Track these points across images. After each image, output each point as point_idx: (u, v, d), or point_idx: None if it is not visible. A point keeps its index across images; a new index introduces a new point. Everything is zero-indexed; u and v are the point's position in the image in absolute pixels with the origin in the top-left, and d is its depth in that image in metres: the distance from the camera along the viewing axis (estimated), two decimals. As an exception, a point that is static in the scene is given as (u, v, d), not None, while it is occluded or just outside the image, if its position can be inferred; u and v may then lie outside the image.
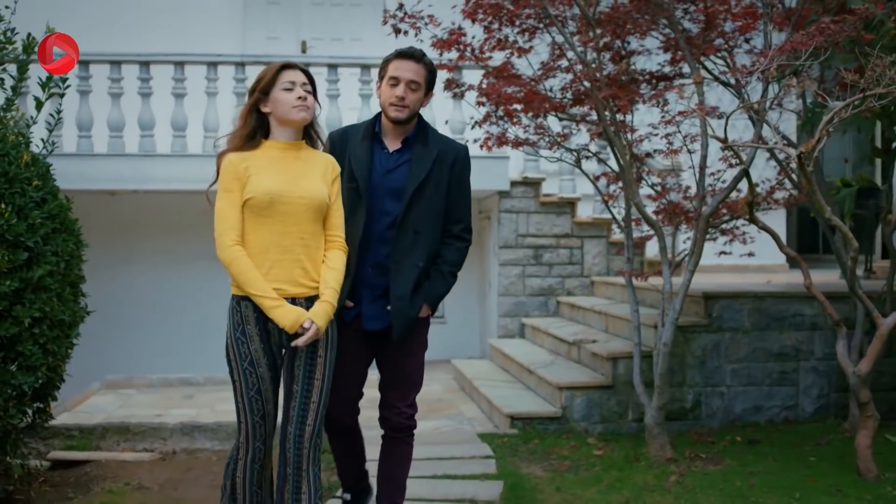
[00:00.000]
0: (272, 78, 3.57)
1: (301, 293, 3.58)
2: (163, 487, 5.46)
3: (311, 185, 3.58)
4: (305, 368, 3.60)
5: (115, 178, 8.53)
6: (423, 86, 3.91)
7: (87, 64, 8.43)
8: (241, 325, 3.54)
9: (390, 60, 3.91)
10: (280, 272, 3.53)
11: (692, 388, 6.58)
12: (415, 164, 3.90)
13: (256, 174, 3.50)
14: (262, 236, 3.50)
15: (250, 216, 3.49)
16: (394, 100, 3.86)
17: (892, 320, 5.15)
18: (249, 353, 3.54)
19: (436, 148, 3.95)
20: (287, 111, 3.56)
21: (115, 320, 9.44)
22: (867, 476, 5.16)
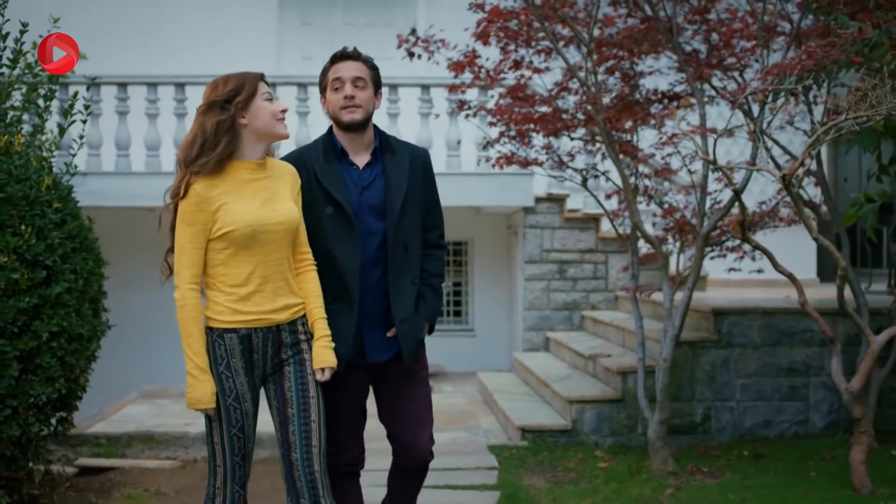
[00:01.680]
0: (252, 91, 3.31)
1: (284, 319, 3.38)
2: (179, 494, 5.73)
3: (284, 207, 3.37)
4: (297, 389, 3.37)
5: (153, 196, 8.74)
6: (369, 83, 3.65)
7: (125, 86, 8.79)
8: (226, 359, 3.28)
9: (328, 68, 3.69)
10: (265, 301, 3.33)
11: (701, 403, 6.68)
12: (392, 175, 3.65)
13: (230, 203, 3.25)
14: (241, 268, 3.29)
15: (229, 249, 3.26)
16: (342, 102, 3.58)
17: (884, 338, 5.22)
18: (235, 388, 3.29)
19: (405, 154, 3.72)
20: (271, 124, 3.32)
21: (156, 332, 9.78)
22: (861, 491, 5.23)
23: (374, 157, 3.68)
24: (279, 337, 3.37)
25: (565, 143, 7.12)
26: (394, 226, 3.61)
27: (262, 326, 3.33)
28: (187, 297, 3.25)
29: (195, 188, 3.24)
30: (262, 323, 3.33)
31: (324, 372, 3.40)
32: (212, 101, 3.30)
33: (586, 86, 5.95)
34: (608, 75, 6.57)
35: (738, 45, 6.23)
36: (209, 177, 3.25)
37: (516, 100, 6.68)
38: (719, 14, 6.36)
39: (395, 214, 3.61)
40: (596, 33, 6.64)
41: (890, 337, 5.26)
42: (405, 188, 3.65)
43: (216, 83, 3.34)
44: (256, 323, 3.32)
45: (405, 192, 3.64)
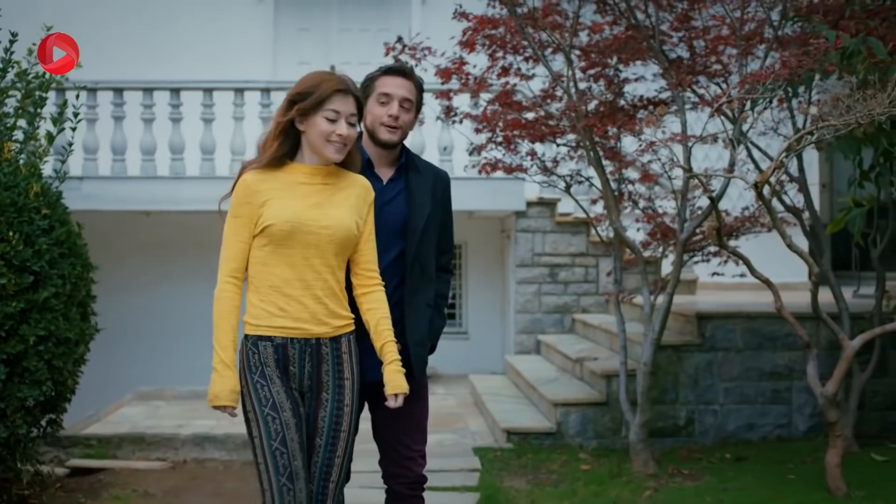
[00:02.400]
0: (318, 101, 3.09)
1: (325, 333, 3.17)
2: (167, 494, 5.82)
3: (338, 213, 3.16)
4: (331, 419, 3.18)
5: (149, 200, 8.98)
6: (414, 105, 3.53)
7: (121, 91, 8.90)
8: (260, 368, 3.10)
9: (376, 77, 3.50)
10: (300, 309, 3.13)
11: (685, 406, 6.75)
12: (415, 194, 3.53)
13: (276, 198, 3.11)
14: (281, 269, 3.12)
15: (268, 246, 3.10)
16: (387, 119, 3.44)
17: (858, 343, 5.29)
18: (271, 396, 3.09)
19: (429, 175, 3.62)
20: (321, 144, 3.14)
21: (153, 334, 9.92)
22: (836, 494, 5.30)
23: (398, 174, 3.56)
24: (319, 352, 3.17)
25: (552, 150, 7.20)
26: (414, 245, 3.49)
27: (299, 337, 3.13)
28: (224, 290, 3.11)
29: (245, 179, 3.13)
30: (299, 333, 3.13)
31: (396, 398, 3.21)
32: (288, 98, 3.15)
33: (568, 94, 6.03)
34: (594, 82, 6.65)
35: (724, 52, 6.31)
36: (262, 171, 3.14)
37: (504, 106, 6.76)
38: (705, 22, 6.44)
39: (416, 234, 3.50)
40: (585, 39, 6.74)
41: (864, 342, 5.34)
42: (428, 209, 3.54)
43: (303, 78, 3.19)
44: (293, 332, 3.12)
45: (428, 213, 3.54)
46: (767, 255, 7.09)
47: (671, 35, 6.58)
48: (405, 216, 3.50)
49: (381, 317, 3.26)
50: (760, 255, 6.56)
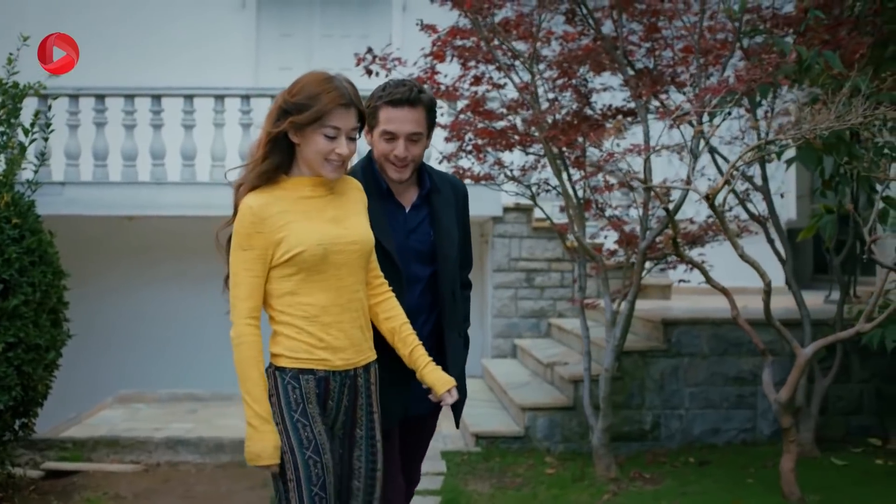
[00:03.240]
0: (316, 117, 2.77)
1: (364, 360, 2.95)
2: (137, 497, 5.94)
3: (357, 225, 2.93)
4: (368, 460, 2.96)
5: (130, 205, 9.08)
6: (425, 132, 3.22)
7: (103, 97, 9.00)
8: (301, 405, 2.81)
9: (379, 108, 3.17)
10: (341, 337, 2.87)
11: (651, 411, 6.86)
12: (442, 218, 3.29)
13: (293, 221, 2.80)
14: (316, 298, 2.83)
15: (298, 275, 2.80)
16: (392, 158, 3.19)
17: (810, 350, 5.41)
18: (314, 438, 2.80)
19: (448, 191, 3.36)
20: (318, 163, 2.83)
21: (137, 337, 10.02)
22: (790, 498, 5.41)
23: (421, 200, 3.31)
24: (355, 384, 2.93)
25: (522, 158, 7.31)
26: (449, 273, 3.28)
27: (341, 369, 2.87)
28: (244, 335, 2.77)
29: (250, 206, 2.77)
30: (341, 365, 2.87)
31: (451, 392, 3.05)
32: (279, 106, 2.82)
33: (531, 105, 6.15)
34: (563, 91, 6.76)
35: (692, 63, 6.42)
36: (263, 192, 2.80)
37: (476, 114, 6.87)
38: (676, 32, 6.53)
39: (448, 261, 3.28)
40: (558, 49, 6.85)
41: (817, 349, 5.45)
42: (457, 233, 3.33)
43: (295, 82, 2.85)
44: (336, 365, 2.86)
45: (458, 238, 3.34)
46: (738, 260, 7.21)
47: (640, 45, 6.70)
48: (432, 243, 3.27)
49: (403, 322, 3.06)
50: (731, 261, 6.67)
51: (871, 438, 6.87)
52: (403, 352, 3.05)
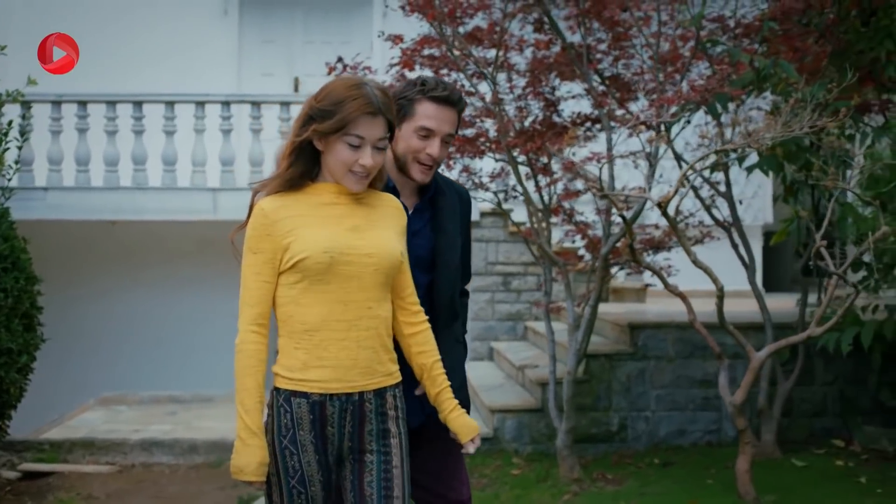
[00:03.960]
0: (340, 125, 2.62)
1: (374, 385, 2.71)
2: (109, 497, 6.06)
3: (380, 237, 2.73)
4: (380, 486, 2.73)
5: (112, 210, 9.21)
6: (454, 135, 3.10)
7: (85, 104, 9.12)
8: (291, 431, 2.64)
9: (416, 101, 3.00)
10: (343, 357, 2.66)
11: (618, 413, 6.99)
12: (446, 223, 3.13)
13: (305, 226, 2.64)
14: (316, 309, 2.64)
15: (301, 282, 2.64)
16: (424, 157, 2.99)
17: (764, 354, 5.53)
18: (300, 468, 2.65)
19: (453, 195, 3.20)
20: (340, 173, 2.69)
21: (122, 339, 10.14)
22: (745, 498, 5.54)
23: (425, 204, 3.13)
24: (362, 409, 2.70)
25: (491, 165, 7.43)
26: (447, 281, 3.12)
27: (340, 392, 2.66)
28: (246, 342, 2.63)
29: (262, 208, 2.65)
30: (340, 388, 2.65)
31: (474, 441, 2.89)
32: (306, 111, 2.69)
33: (496, 114, 6.27)
34: (532, 99, 6.88)
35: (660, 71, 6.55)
36: (280, 196, 2.67)
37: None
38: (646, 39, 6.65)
39: (448, 269, 3.12)
40: (530, 56, 6.99)
41: (770, 353, 5.57)
42: (460, 239, 3.19)
43: (323, 87, 2.70)
44: (334, 387, 2.65)
45: (461, 245, 3.20)
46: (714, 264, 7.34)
47: (608, 53, 6.83)
48: (432, 249, 3.10)
49: (435, 360, 2.86)
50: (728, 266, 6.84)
51: (835, 440, 6.99)
52: (431, 391, 2.86)
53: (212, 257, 9.73)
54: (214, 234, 9.60)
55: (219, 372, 9.68)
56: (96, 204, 9.16)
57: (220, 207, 9.15)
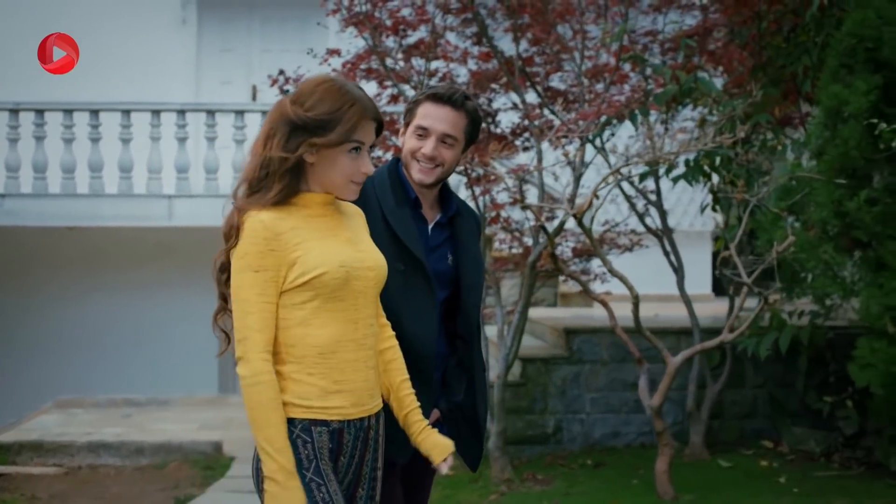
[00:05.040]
0: (345, 135, 2.40)
1: (377, 408, 2.56)
2: (52, 498, 6.23)
3: (371, 248, 2.57)
4: None
5: (69, 216, 9.37)
6: (461, 140, 2.96)
7: (42, 112, 9.29)
8: (314, 461, 2.41)
9: (420, 102, 2.94)
10: (357, 379, 2.47)
11: (554, 415, 7.20)
12: (468, 243, 3.03)
13: (309, 240, 2.42)
14: (332, 330, 2.43)
15: (313, 301, 2.41)
16: (420, 156, 2.90)
17: (679, 359, 5.75)
18: (330, 499, 2.40)
19: (471, 220, 3.13)
20: (340, 185, 2.48)
21: (81, 344, 10.29)
22: (664, 497, 5.75)
23: (445, 218, 3.03)
24: (367, 435, 2.53)
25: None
26: (475, 303, 3.02)
27: (356, 418, 2.48)
28: (262, 373, 2.36)
29: (263, 220, 2.37)
30: (356, 412, 2.47)
31: (447, 461, 2.67)
32: (289, 120, 2.40)
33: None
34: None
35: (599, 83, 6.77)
36: (275, 209, 2.42)
37: (393, 133, 7.20)
38: (576, 53, 6.86)
39: (478, 289, 3.05)
40: (474, 68, 7.19)
41: (685, 358, 5.80)
42: (482, 260, 3.11)
43: (302, 90, 2.44)
44: (352, 412, 2.46)
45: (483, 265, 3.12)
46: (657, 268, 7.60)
47: (544, 65, 7.06)
48: (453, 267, 2.99)
49: (403, 379, 2.67)
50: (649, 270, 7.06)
51: (764, 441, 7.21)
52: (398, 412, 2.66)
53: (168, 263, 9.92)
54: (170, 240, 9.80)
55: (175, 375, 9.91)
56: (53, 210, 9.32)
57: (176, 214, 9.32)
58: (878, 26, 5.52)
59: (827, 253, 5.35)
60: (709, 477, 6.32)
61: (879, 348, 5.41)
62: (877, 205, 5.35)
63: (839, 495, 5.85)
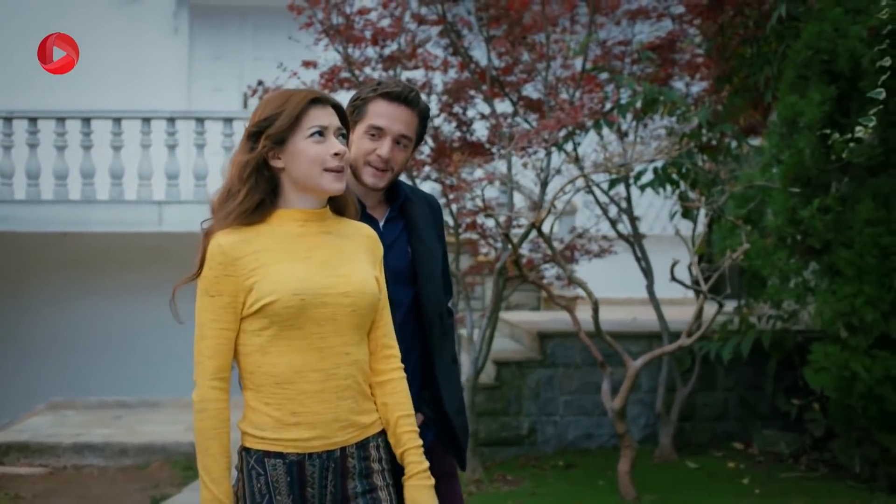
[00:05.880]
0: (293, 118, 2.33)
1: (351, 439, 2.40)
2: (35, 497, 6.42)
3: (356, 274, 2.40)
4: None
5: (61, 222, 9.58)
6: (413, 141, 2.86)
7: (35, 120, 9.50)
8: (267, 496, 2.31)
9: (370, 100, 2.80)
10: (320, 410, 2.33)
11: (528, 418, 7.35)
12: (421, 233, 2.90)
13: (270, 263, 2.32)
14: (289, 359, 2.32)
15: (268, 329, 2.31)
16: (374, 159, 2.76)
17: (640, 363, 5.91)
18: None
19: (423, 204, 2.98)
20: (315, 175, 2.35)
21: (77, 347, 10.49)
22: (626, 498, 5.90)
23: (395, 211, 2.90)
24: (344, 465, 2.39)
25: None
26: (433, 294, 2.88)
27: (320, 451, 2.35)
28: (207, 400, 2.31)
29: (220, 243, 2.30)
30: (320, 445, 2.34)
31: None
32: (246, 132, 2.38)
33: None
34: (445, 120, 7.25)
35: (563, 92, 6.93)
36: (239, 230, 2.34)
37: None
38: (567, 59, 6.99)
39: (433, 280, 2.88)
40: (455, 76, 7.36)
41: (645, 362, 5.95)
42: (439, 248, 2.96)
43: (260, 104, 2.41)
44: (313, 444, 2.34)
45: (441, 253, 2.97)
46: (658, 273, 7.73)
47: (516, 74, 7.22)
48: (410, 260, 2.87)
49: (402, 415, 2.47)
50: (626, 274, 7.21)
51: (735, 443, 7.35)
52: (395, 449, 2.47)
53: (159, 267, 10.09)
54: (161, 245, 9.99)
55: (166, 377, 10.08)
56: (46, 216, 9.53)
57: (166, 219, 9.52)
58: (833, 39, 5.65)
59: (781, 260, 5.48)
60: (674, 478, 6.47)
61: (832, 353, 5.55)
62: (829, 213, 5.49)
63: (799, 496, 5.99)
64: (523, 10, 6.19)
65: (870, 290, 5.35)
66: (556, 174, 6.35)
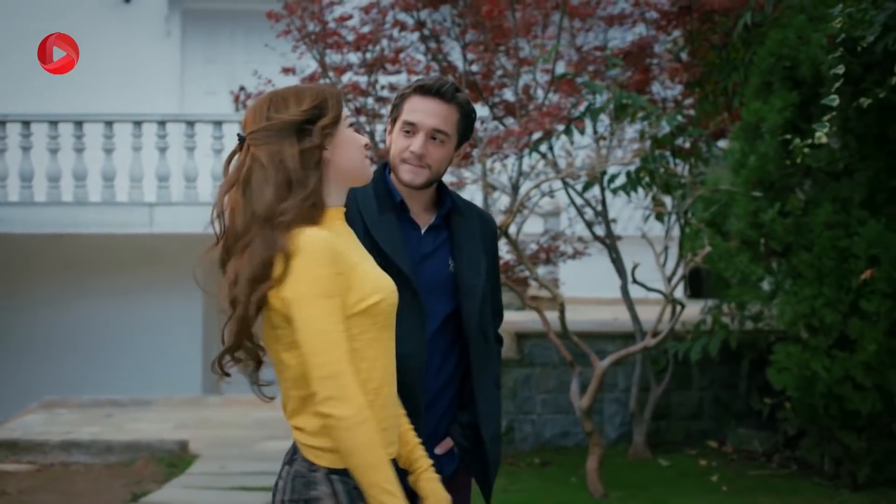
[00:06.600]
0: (338, 111, 2.20)
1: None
2: (21, 493, 6.57)
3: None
4: None
5: (54, 223, 9.77)
6: (453, 136, 2.69)
7: (28, 123, 9.68)
8: None
9: (406, 96, 2.69)
10: (396, 416, 2.27)
11: (506, 416, 7.46)
12: (464, 244, 2.74)
13: (359, 262, 2.18)
14: (381, 363, 2.19)
15: (368, 332, 2.16)
16: (408, 155, 2.64)
17: (607, 363, 6.05)
18: None
19: (474, 219, 2.83)
20: (360, 162, 2.22)
21: (73, 347, 10.66)
22: (595, 495, 6.04)
23: (440, 220, 2.75)
24: None
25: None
26: (477, 308, 2.72)
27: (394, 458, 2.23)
28: (365, 409, 2.08)
29: (322, 239, 2.10)
30: (393, 451, 2.23)
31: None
32: (285, 123, 2.12)
33: (383, 142, 6.82)
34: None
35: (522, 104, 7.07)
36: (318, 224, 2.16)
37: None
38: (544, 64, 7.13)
39: (473, 295, 2.71)
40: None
41: (612, 362, 6.09)
42: (484, 261, 2.77)
43: (275, 100, 2.16)
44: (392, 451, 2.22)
45: (486, 266, 2.78)
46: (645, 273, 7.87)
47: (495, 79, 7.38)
48: (452, 273, 2.72)
49: (401, 413, 2.38)
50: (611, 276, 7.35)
51: (710, 441, 7.48)
52: (401, 450, 2.34)
53: (150, 268, 10.28)
54: (152, 247, 10.16)
55: (160, 377, 10.26)
56: (40, 218, 9.72)
57: (157, 221, 9.69)
58: (796, 46, 5.79)
59: (742, 262, 5.61)
60: (644, 476, 6.60)
61: (794, 353, 5.69)
62: (790, 217, 5.63)
63: (765, 493, 6.13)
64: (496, 17, 6.32)
65: (829, 292, 5.48)
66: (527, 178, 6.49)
